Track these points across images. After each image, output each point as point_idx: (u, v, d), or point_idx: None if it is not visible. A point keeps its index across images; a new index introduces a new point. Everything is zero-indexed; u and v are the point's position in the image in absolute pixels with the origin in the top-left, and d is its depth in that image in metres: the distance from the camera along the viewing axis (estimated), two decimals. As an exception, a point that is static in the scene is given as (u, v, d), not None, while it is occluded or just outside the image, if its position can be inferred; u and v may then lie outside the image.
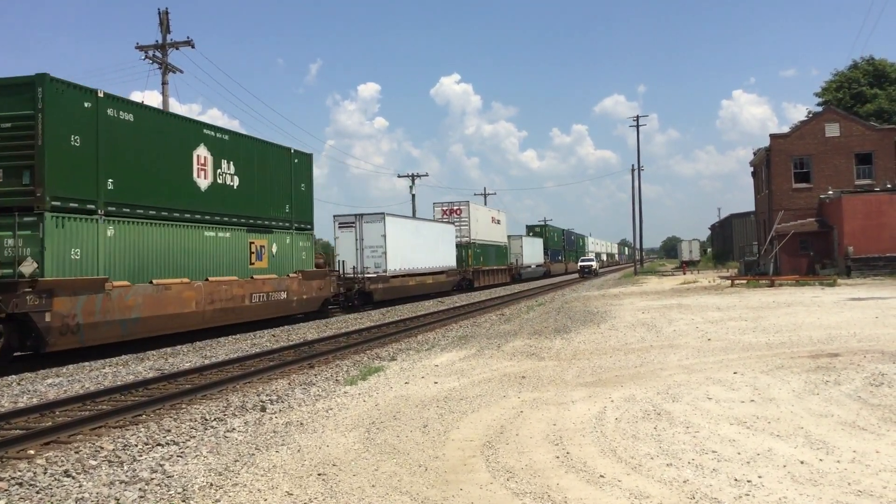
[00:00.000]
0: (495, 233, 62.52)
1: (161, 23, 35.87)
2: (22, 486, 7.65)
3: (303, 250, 29.66)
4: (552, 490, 6.58)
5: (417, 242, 42.75)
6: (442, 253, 47.69)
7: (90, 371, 16.83)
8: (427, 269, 44.53)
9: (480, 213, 59.06)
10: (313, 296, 29.90)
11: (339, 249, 38.24)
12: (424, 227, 45.76)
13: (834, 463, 7.02)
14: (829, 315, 20.58)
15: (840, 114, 48.22)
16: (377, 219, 38.48)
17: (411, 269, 41.60)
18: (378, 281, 37.14)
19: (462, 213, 54.50)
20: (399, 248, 39.52)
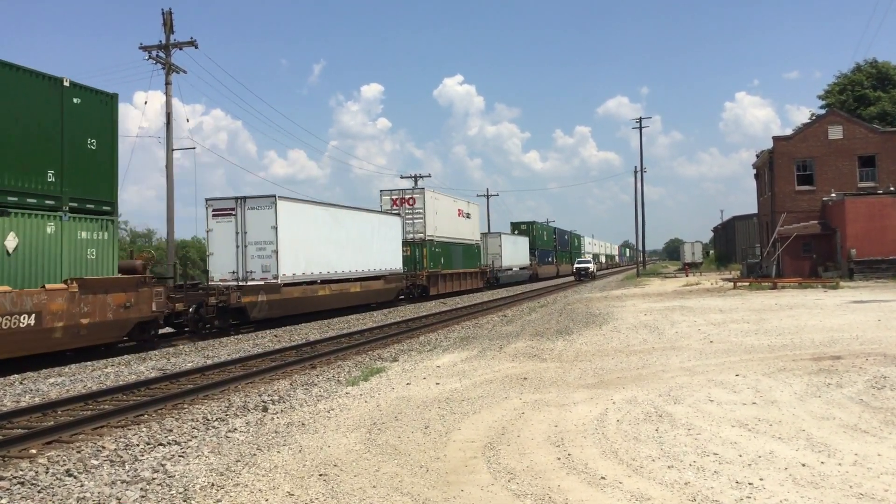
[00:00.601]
0: (463, 228, 52.38)
1: (165, 23, 35.93)
2: (24, 485, 7.65)
3: (89, 246, 19.49)
4: (553, 491, 6.58)
5: (336, 237, 32.44)
6: (379, 252, 36.91)
7: (92, 371, 16.85)
8: (353, 274, 33.80)
9: (442, 203, 48.04)
10: (110, 318, 19.46)
11: (212, 247, 28.12)
12: (348, 218, 34.14)
13: (835, 466, 7.01)
14: (831, 318, 20.55)
15: (843, 116, 48.16)
16: (265, 204, 27.76)
17: (323, 273, 31.00)
18: (260, 292, 26.51)
19: (416, 203, 43.75)
20: (301, 244, 29.25)
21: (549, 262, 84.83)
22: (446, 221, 48.19)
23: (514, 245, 67.73)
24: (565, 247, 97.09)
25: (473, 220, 55.81)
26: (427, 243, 43.93)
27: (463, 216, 52.85)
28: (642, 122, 76.10)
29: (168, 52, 36.29)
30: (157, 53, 36.18)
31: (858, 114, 56.21)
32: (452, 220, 49.95)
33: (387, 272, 37.93)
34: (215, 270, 27.71)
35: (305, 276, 29.55)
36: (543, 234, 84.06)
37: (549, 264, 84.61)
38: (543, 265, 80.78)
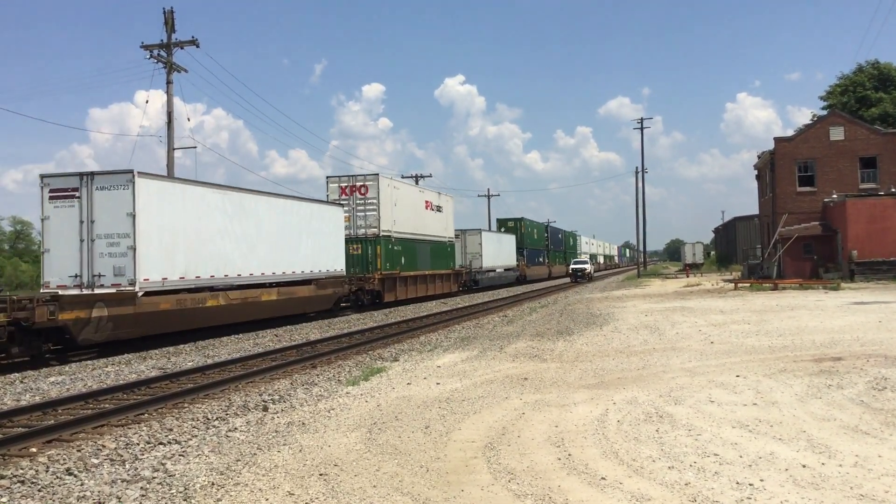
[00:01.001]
0: (432, 224, 45.38)
1: (166, 22, 35.93)
2: (24, 483, 7.66)
3: None
4: (553, 492, 6.57)
5: (240, 231, 25.07)
6: (311, 250, 29.96)
7: (93, 369, 16.86)
8: (265, 278, 26.46)
9: (403, 193, 40.90)
10: None
11: (48, 241, 21.02)
12: (261, 206, 26.65)
13: (836, 467, 7.00)
14: (832, 319, 20.55)
15: (845, 117, 48.14)
16: (120, 182, 20.72)
17: (218, 277, 23.80)
18: (96, 304, 19.14)
19: (368, 193, 36.88)
20: (178, 238, 22.12)
21: (539, 263, 78.60)
22: (409, 215, 40.96)
23: (497, 244, 61.84)
24: (559, 246, 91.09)
25: (446, 215, 48.53)
26: (382, 240, 36.81)
27: (432, 209, 45.66)
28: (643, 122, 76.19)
29: (169, 51, 36.29)
30: (158, 52, 36.18)
31: (860, 115, 56.15)
32: (417, 213, 42.65)
33: (322, 275, 30.84)
34: (51, 273, 20.67)
35: (185, 281, 22.31)
36: (533, 231, 76.94)
37: (539, 265, 78.30)
38: (533, 266, 74.69)
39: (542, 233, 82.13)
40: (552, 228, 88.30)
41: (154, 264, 21.13)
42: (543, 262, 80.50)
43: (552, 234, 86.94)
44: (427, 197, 45.55)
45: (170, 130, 36.67)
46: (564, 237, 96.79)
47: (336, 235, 32.92)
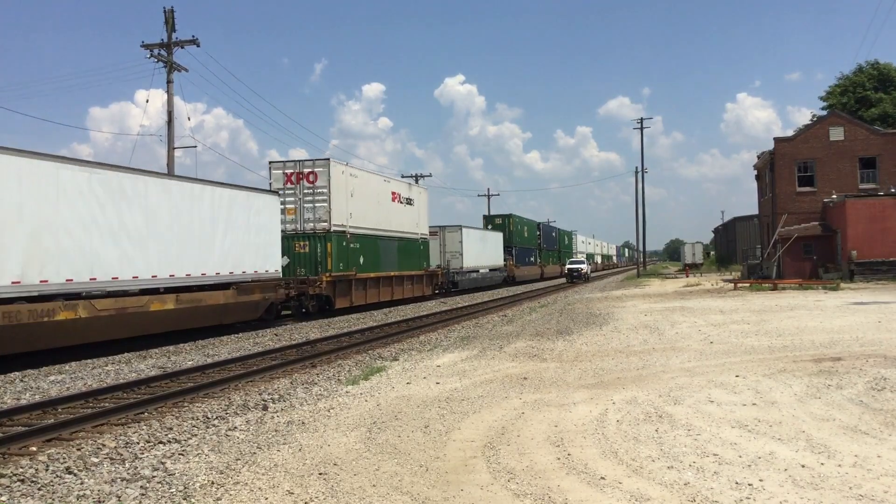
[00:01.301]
0: (400, 218, 39.72)
1: (167, 21, 35.94)
2: (24, 482, 7.66)
3: None
4: (553, 491, 6.58)
5: (117, 222, 19.70)
6: (231, 247, 24.67)
7: (93, 368, 16.86)
8: (156, 283, 21.13)
9: (361, 182, 34.92)
10: None
11: None
12: (153, 192, 21.34)
13: (835, 467, 7.01)
14: (831, 319, 20.55)
15: (844, 118, 48.14)
16: None
17: (79, 282, 18.44)
18: None
19: (317, 181, 31.31)
20: (10, 228, 16.77)
21: (530, 263, 73.54)
22: (370, 207, 35.49)
23: (481, 242, 56.58)
24: (552, 245, 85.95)
25: (418, 209, 42.79)
26: (334, 236, 31.07)
27: (400, 202, 40.04)
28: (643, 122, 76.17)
29: (170, 51, 36.29)
30: (158, 52, 36.19)
31: (860, 115, 56.18)
32: (381, 205, 37.13)
33: (246, 278, 25.34)
34: None
35: (22, 287, 16.86)
36: (523, 229, 71.55)
37: (530, 265, 73.24)
38: (523, 266, 69.63)
39: (534, 231, 76.63)
40: (545, 226, 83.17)
41: None
42: (535, 262, 75.64)
43: (545, 233, 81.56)
44: (394, 187, 39.44)
45: (170, 130, 36.68)
46: (559, 236, 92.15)
47: (270, 230, 27.31)
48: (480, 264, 55.70)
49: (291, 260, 30.27)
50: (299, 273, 30.49)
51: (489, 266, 58.29)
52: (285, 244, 29.45)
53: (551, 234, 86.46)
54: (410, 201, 41.62)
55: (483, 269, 56.52)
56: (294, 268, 30.51)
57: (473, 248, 53.84)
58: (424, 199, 44.88)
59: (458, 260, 50.94)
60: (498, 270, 60.83)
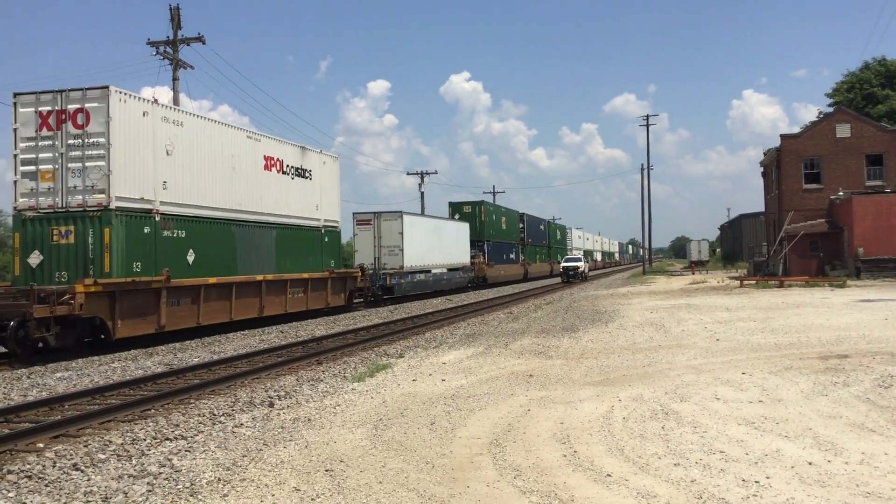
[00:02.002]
0: (283, 195, 27.57)
1: (172, 19, 35.98)
2: (31, 478, 7.68)
3: None
4: (559, 488, 6.58)
5: None
6: None
7: (99, 365, 16.90)
8: None
9: (189, 132, 22.51)
10: None
11: None
12: None
13: (842, 464, 7.00)
14: (838, 316, 20.51)
15: (851, 114, 48.00)
16: None
17: None
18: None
19: (90, 124, 19.44)
20: None
21: (509, 261, 62.75)
22: (213, 174, 23.46)
23: (433, 234, 44.80)
24: (540, 240, 76.29)
25: (318, 184, 30.29)
26: (117, 217, 19.33)
27: (284, 172, 27.71)
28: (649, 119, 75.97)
29: (175, 48, 36.33)
30: (164, 49, 36.23)
31: (866, 112, 56.01)
32: (241, 174, 24.91)
33: None
34: None
35: None
36: (500, 220, 60.75)
37: (509, 263, 62.57)
38: (500, 264, 58.95)
39: (515, 223, 66.20)
40: (530, 218, 71.91)
41: None
42: (516, 260, 65.58)
43: (530, 226, 71.22)
44: (270, 150, 26.81)
45: (176, 127, 36.62)
46: (549, 229, 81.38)
47: None
48: (433, 263, 44.03)
49: (46, 257, 19.22)
50: (58, 279, 18.97)
51: (447, 265, 46.85)
52: (35, 230, 19.35)
53: (538, 228, 75.98)
54: (305, 173, 29.13)
55: (438, 268, 45.07)
56: (49, 271, 19.16)
57: (421, 242, 42.18)
58: (332, 172, 31.79)
59: (396, 257, 39.21)
60: (461, 270, 49.77)
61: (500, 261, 59.22)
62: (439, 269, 45.54)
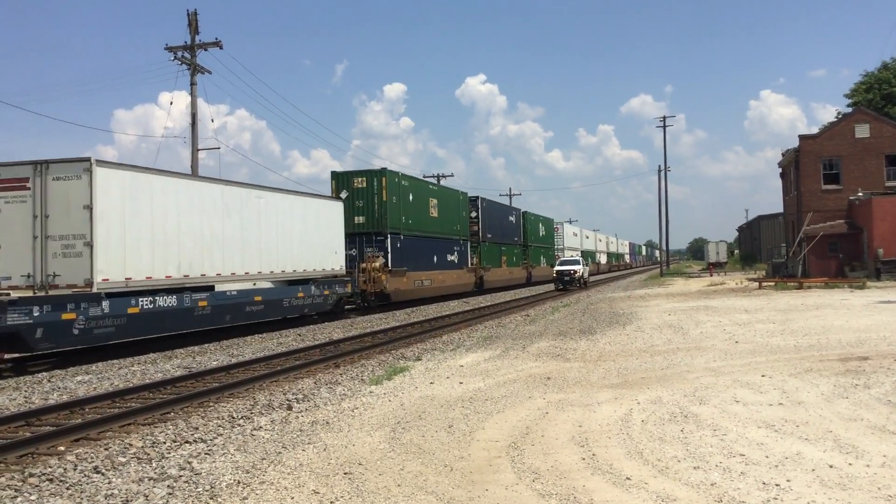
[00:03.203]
0: None
1: (190, 24, 36.17)
2: (52, 481, 7.75)
3: None
4: (578, 492, 6.56)
5: None
6: None
7: (119, 368, 17.01)
8: None
9: None
10: None
11: None
12: None
13: (864, 467, 6.94)
14: (858, 318, 20.34)
15: (870, 115, 47.62)
16: None
17: None
18: None
19: None
20: None
21: (447, 265, 42.72)
22: None
23: (233, 216, 23.70)
24: (511, 236, 57.43)
25: None
26: None
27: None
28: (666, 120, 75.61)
29: (193, 53, 36.52)
30: (182, 54, 36.42)
31: (886, 112, 55.54)
32: None
33: None
34: None
35: None
36: (425, 203, 40.06)
37: (446, 268, 42.43)
38: (427, 271, 39.60)
39: (458, 208, 45.45)
40: (490, 205, 52.75)
41: None
42: (461, 264, 45.21)
43: (490, 215, 51.41)
44: None
45: (194, 131, 36.91)
46: (524, 223, 61.88)
47: None
48: (243, 270, 24.17)
49: None
50: None
51: (286, 275, 26.70)
52: None
53: (504, 219, 56.44)
54: None
55: (263, 282, 25.50)
56: None
57: (174, 226, 21.11)
58: None
59: (81, 265, 18.29)
60: (322, 286, 28.90)
61: (428, 266, 39.62)
62: (265, 284, 25.57)
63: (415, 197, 38.74)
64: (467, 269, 46.45)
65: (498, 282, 53.54)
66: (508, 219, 58.22)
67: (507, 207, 61.70)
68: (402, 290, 36.21)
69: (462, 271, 45.41)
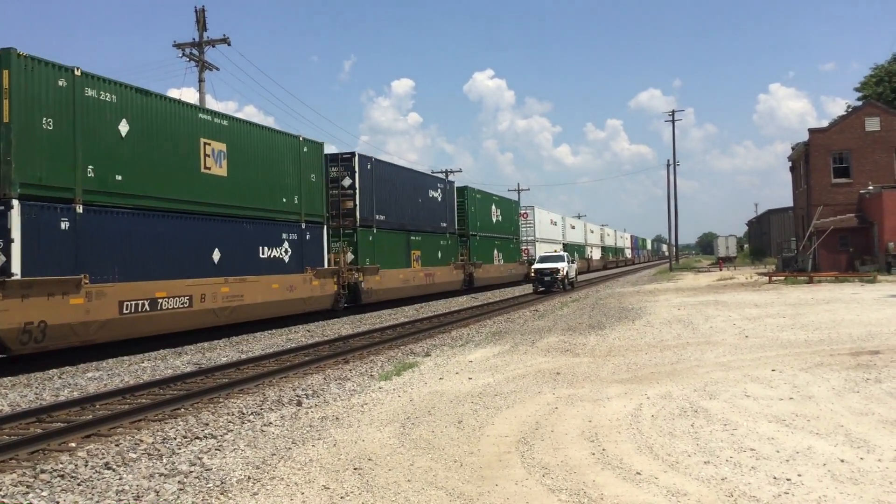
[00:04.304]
0: None
1: (198, 20, 36.23)
2: (63, 478, 7.77)
3: None
4: (588, 487, 6.55)
5: None
6: None
7: (129, 365, 17.07)
8: None
9: None
10: None
11: None
12: None
13: (875, 462, 6.91)
14: (869, 312, 20.26)
15: (881, 108, 47.38)
16: None
17: None
18: None
19: None
20: None
21: (191, 270, 21.04)
22: None
23: None
24: (433, 220, 40.10)
25: None
26: None
27: None
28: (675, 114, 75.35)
29: (201, 50, 36.59)
30: (190, 51, 36.50)
31: (896, 105, 55.27)
32: None
33: None
34: None
35: None
36: (157, 139, 20.03)
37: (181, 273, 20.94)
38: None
39: (312, 167, 28.10)
40: (391, 170, 35.99)
41: None
42: (289, 268, 25.93)
43: (383, 184, 33.92)
44: None
45: (202, 128, 36.91)
46: (461, 201, 45.27)
47: None
48: None
49: None
50: None
51: None
52: None
53: (416, 194, 38.17)
54: None
55: None
56: None
57: None
58: None
59: None
60: None
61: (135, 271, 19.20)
62: None
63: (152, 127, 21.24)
64: (304, 275, 26.74)
65: (393, 292, 33.83)
66: (428, 195, 39.57)
67: (424, 177, 40.99)
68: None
69: (287, 278, 25.78)
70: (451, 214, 43.36)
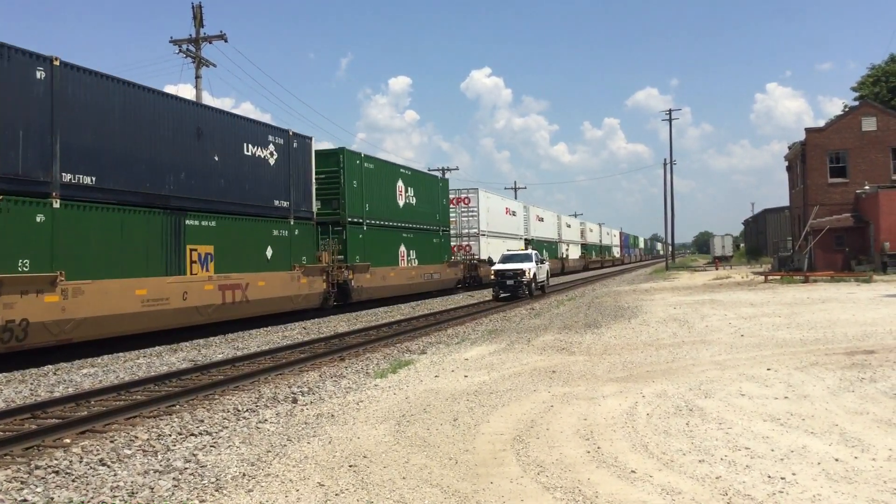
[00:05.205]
0: None
1: (195, 17, 36.20)
2: (58, 474, 7.76)
3: None
4: (583, 485, 6.56)
5: None
6: None
7: (125, 361, 17.04)
8: None
9: None
10: None
11: None
12: None
13: (869, 461, 6.92)
14: (864, 312, 20.29)
15: (877, 108, 47.45)
16: None
17: None
18: None
19: None
20: None
21: None
22: None
23: None
24: (262, 197, 24.40)
25: None
26: None
27: None
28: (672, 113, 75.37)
29: (198, 46, 36.54)
30: (186, 47, 36.45)
31: (893, 105, 55.34)
32: None
33: None
34: None
35: None
36: None
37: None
38: None
39: None
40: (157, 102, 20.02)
41: None
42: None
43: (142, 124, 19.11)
44: None
45: (198, 125, 36.87)
46: (355, 173, 30.62)
47: None
48: None
49: None
50: None
51: None
52: None
53: (228, 148, 22.75)
54: None
55: None
56: None
57: None
58: None
59: None
60: None
61: None
62: None
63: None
64: None
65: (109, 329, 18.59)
66: (245, 151, 23.96)
67: (235, 120, 23.89)
68: None
69: None
70: (302, 188, 27.28)
